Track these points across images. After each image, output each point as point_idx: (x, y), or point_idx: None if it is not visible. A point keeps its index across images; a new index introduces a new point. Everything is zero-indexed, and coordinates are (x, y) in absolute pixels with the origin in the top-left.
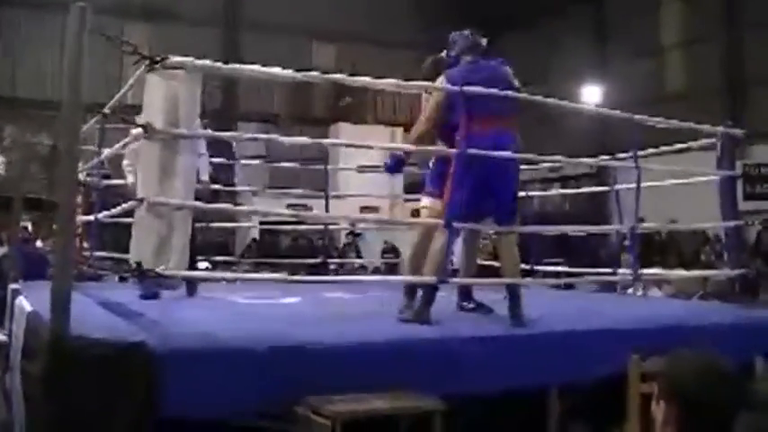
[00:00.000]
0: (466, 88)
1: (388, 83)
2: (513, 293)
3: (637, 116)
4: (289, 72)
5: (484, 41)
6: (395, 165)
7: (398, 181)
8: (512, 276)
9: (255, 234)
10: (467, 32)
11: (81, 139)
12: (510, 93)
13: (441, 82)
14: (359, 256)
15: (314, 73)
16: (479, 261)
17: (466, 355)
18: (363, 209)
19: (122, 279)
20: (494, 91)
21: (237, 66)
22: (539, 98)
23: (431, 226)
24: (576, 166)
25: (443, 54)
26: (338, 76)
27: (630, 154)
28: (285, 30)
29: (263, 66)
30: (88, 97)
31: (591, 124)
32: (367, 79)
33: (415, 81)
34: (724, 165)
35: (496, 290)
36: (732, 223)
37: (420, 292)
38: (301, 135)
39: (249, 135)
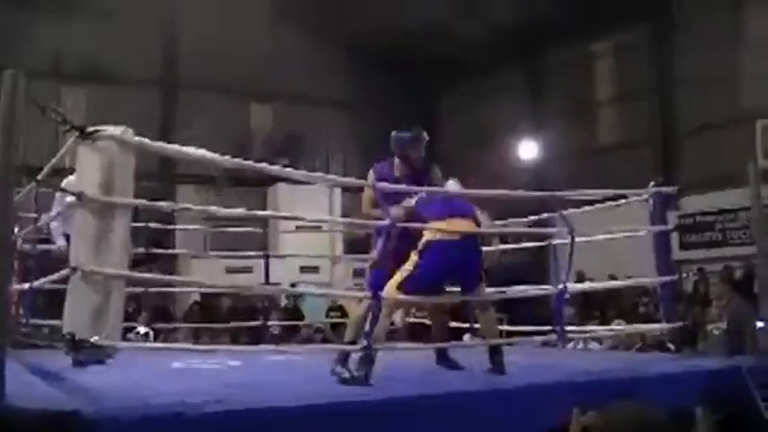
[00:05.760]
0: None
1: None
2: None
3: (558, 193)
4: (217, 156)
5: None
6: None
7: (338, 240)
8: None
9: (197, 297)
10: None
11: (17, 204)
12: None
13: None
14: (300, 317)
15: (247, 162)
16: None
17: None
18: (303, 269)
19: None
20: None
21: (167, 145)
22: None
23: None
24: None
25: None
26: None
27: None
28: (222, 90)
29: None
30: (24, 161)
31: (531, 182)
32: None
33: None
34: (656, 221)
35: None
36: (666, 278)
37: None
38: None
39: (183, 205)
